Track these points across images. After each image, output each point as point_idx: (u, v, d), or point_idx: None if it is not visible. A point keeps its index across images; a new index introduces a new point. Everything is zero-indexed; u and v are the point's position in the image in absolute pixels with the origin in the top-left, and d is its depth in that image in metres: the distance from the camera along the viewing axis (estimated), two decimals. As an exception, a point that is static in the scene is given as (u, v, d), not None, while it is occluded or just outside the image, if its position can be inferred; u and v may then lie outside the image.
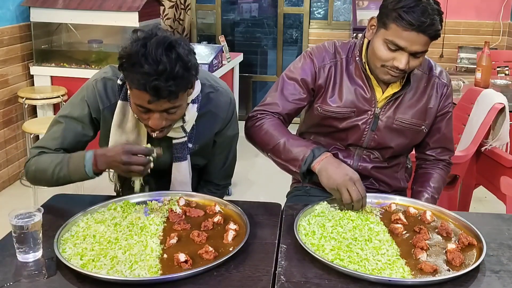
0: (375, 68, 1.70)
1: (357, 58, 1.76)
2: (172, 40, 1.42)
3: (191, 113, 1.63)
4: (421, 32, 1.57)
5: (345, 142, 1.84)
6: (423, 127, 1.82)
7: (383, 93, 1.77)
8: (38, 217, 1.35)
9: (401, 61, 1.62)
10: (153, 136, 1.56)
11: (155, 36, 1.42)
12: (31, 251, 1.33)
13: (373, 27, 1.69)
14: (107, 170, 1.59)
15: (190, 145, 1.69)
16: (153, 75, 1.37)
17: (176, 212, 1.56)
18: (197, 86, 1.62)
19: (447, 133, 1.89)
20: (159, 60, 1.38)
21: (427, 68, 1.83)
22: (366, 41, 1.75)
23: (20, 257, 1.34)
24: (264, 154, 1.79)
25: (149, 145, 1.56)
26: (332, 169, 1.59)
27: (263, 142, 1.76)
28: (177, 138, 1.66)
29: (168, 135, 1.63)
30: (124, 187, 1.85)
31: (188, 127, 1.66)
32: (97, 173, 1.57)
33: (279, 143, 1.70)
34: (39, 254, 1.35)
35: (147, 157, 1.51)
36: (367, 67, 1.74)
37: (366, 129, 1.79)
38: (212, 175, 1.86)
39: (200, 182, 1.90)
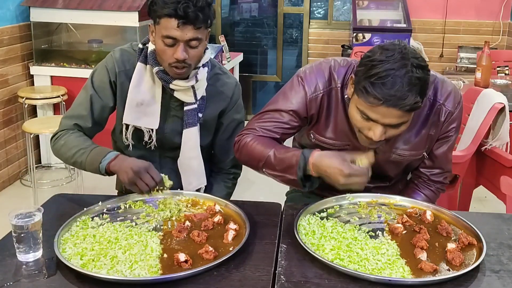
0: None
1: (345, 97, 1.62)
2: None
3: (202, 74, 1.79)
4: (392, 107, 1.39)
5: None
6: (423, 153, 1.73)
7: None
8: (38, 217, 1.35)
9: (374, 132, 1.46)
10: (176, 72, 1.69)
11: None
12: (31, 251, 1.34)
13: (352, 85, 1.51)
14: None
15: (200, 115, 1.84)
16: (182, 2, 1.59)
17: (184, 225, 1.50)
18: (208, 52, 1.81)
19: (444, 156, 1.76)
20: None
21: (432, 92, 1.64)
22: None
23: (20, 257, 1.34)
24: (260, 172, 1.65)
25: (166, 177, 1.64)
26: (325, 171, 1.47)
27: (254, 159, 1.63)
28: (189, 104, 1.80)
29: (179, 98, 1.78)
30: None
31: (198, 93, 1.80)
32: (108, 172, 1.66)
33: (269, 155, 1.58)
34: (39, 254, 1.35)
35: (158, 185, 1.61)
36: None
37: None
38: (223, 163, 1.98)
39: (212, 174, 2.00)
